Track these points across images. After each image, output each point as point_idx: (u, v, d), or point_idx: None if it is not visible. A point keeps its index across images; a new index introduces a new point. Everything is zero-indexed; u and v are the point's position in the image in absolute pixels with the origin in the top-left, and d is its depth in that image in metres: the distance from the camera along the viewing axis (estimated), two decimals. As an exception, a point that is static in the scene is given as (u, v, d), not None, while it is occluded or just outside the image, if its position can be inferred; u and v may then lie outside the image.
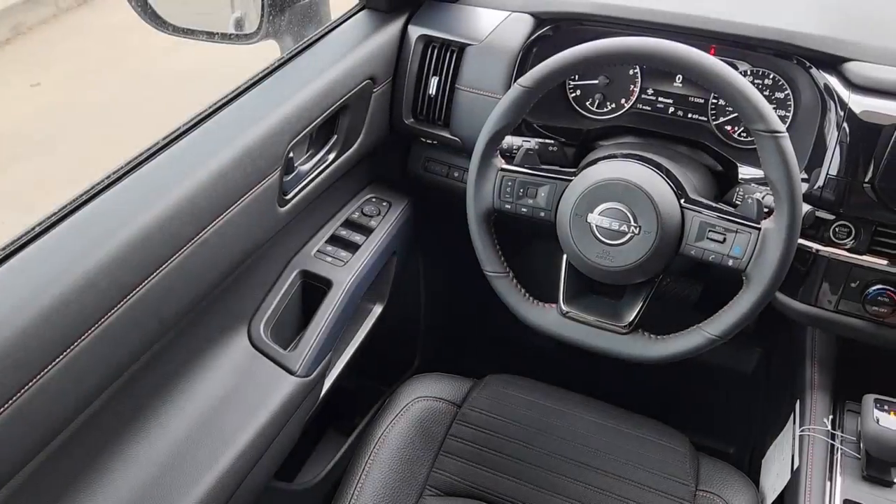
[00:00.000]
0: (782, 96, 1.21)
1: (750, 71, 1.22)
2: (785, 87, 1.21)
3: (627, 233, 1.02)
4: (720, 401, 1.81)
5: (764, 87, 1.22)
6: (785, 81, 1.20)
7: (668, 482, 1.18)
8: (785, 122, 1.21)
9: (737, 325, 1.00)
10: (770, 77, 1.21)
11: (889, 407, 1.06)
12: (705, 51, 1.22)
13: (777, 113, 1.22)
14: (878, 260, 1.08)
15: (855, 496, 1.05)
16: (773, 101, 1.22)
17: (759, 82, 1.22)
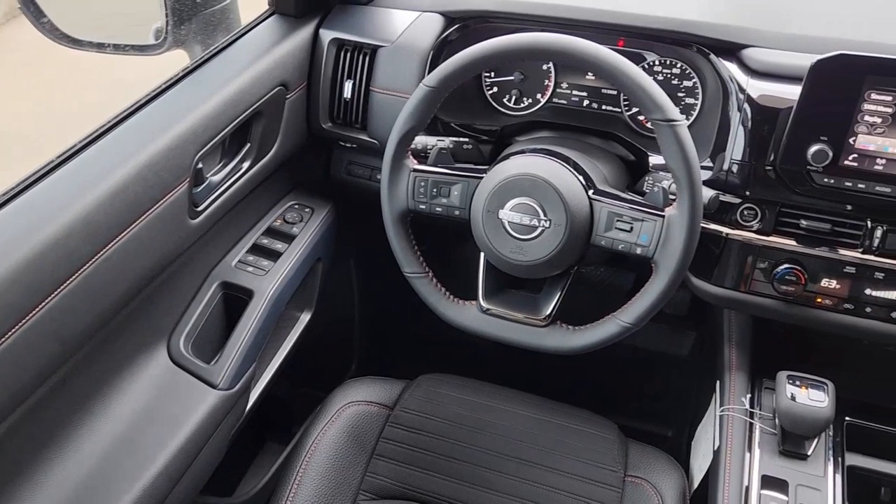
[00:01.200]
0: (690, 84, 1.24)
1: (658, 61, 1.24)
2: (692, 76, 1.23)
3: (538, 227, 1.03)
4: (659, 386, 1.84)
5: (672, 76, 1.25)
6: (692, 70, 1.23)
7: (598, 470, 1.20)
8: (694, 110, 1.24)
9: (648, 311, 1.02)
10: (678, 66, 1.24)
11: (801, 382, 1.09)
12: (613, 44, 1.26)
13: (686, 101, 1.25)
14: (784, 240, 1.11)
15: (772, 471, 1.08)
16: (682, 89, 1.24)
17: (667, 72, 1.25)
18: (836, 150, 1.03)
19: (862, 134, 1.02)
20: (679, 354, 1.83)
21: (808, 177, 1.06)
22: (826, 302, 1.11)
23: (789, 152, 1.05)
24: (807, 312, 1.12)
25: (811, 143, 1.03)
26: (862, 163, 1.03)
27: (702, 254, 1.16)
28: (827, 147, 1.03)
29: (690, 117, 1.25)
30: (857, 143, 1.02)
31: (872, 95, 1.00)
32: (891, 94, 0.99)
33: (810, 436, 1.08)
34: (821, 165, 1.04)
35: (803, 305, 1.12)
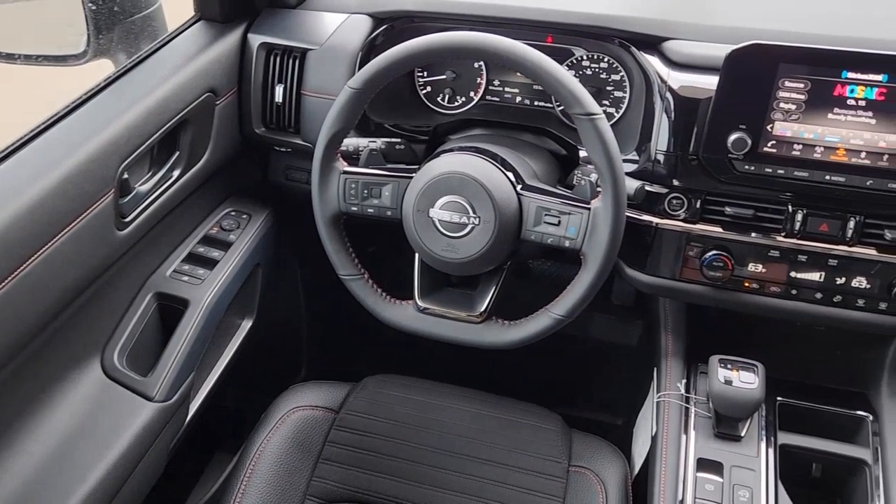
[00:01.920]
0: (618, 78, 1.26)
1: (586, 56, 1.26)
2: (619, 69, 1.25)
3: (468, 224, 1.03)
4: (609, 376, 1.87)
5: (600, 70, 1.26)
6: (619, 64, 1.25)
7: (542, 462, 1.21)
8: (623, 103, 1.26)
9: (579, 303, 1.04)
10: (605, 60, 1.26)
11: (732, 365, 1.12)
12: (543, 40, 1.28)
13: (615, 94, 1.27)
14: (711, 227, 1.14)
15: (708, 454, 1.10)
16: (610, 82, 1.26)
17: (595, 66, 1.26)
18: (755, 138, 1.05)
19: (778, 121, 1.04)
20: (628, 344, 1.85)
21: (730, 164, 1.08)
22: (753, 286, 1.13)
23: (710, 141, 1.08)
24: (736, 297, 1.15)
25: (730, 132, 1.06)
26: (780, 149, 1.06)
27: (634, 244, 1.19)
28: (746, 135, 1.05)
29: (620, 110, 1.27)
30: (774, 130, 1.05)
31: (786, 83, 1.02)
32: (803, 82, 1.02)
33: (742, 417, 1.11)
34: (741, 153, 1.06)
35: (732, 290, 1.15)
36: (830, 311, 1.12)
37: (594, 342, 1.89)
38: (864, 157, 1.03)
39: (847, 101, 1.01)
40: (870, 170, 1.03)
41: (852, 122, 1.02)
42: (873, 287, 1.09)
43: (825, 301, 1.11)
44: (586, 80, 1.27)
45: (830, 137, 1.04)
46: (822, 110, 1.02)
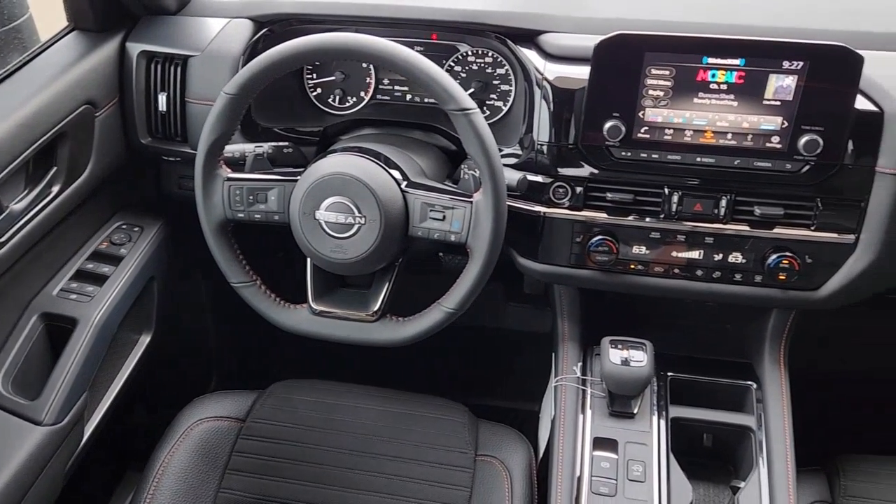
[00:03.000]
0: (503, 72, 1.28)
1: (471, 52, 1.28)
2: (504, 63, 1.28)
3: (354, 224, 1.04)
4: (523, 364, 1.90)
5: (485, 64, 1.28)
6: (503, 58, 1.27)
7: (449, 454, 1.23)
8: (510, 96, 1.29)
9: (468, 295, 1.05)
10: (489, 55, 1.28)
11: (622, 345, 1.15)
12: (427, 38, 1.29)
13: (502, 88, 1.29)
14: (595, 213, 1.17)
15: (603, 433, 1.14)
16: (496, 77, 1.28)
17: (480, 61, 1.28)
18: (629, 125, 1.09)
19: (649, 107, 1.08)
20: (542, 332, 1.89)
21: (608, 152, 1.12)
22: (639, 267, 1.17)
23: (587, 130, 1.11)
24: (623, 279, 1.19)
25: (605, 120, 1.09)
26: (653, 134, 1.10)
27: (524, 234, 1.21)
28: (620, 122, 1.09)
29: (507, 103, 1.29)
30: (645, 117, 1.09)
31: (652, 71, 1.06)
32: (668, 69, 1.06)
33: (634, 394, 1.15)
34: (616, 140, 1.10)
35: (620, 273, 1.19)
36: (711, 287, 1.17)
37: (508, 332, 1.92)
38: (730, 139, 1.08)
39: (710, 85, 1.06)
40: (736, 150, 1.08)
41: (717, 105, 1.07)
42: (748, 261, 1.14)
43: (705, 278, 1.16)
44: (473, 76, 1.29)
45: (698, 121, 1.08)
46: (688, 95, 1.07)
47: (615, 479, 1.08)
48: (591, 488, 1.07)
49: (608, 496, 1.06)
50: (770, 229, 1.12)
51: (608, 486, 1.07)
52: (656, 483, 1.08)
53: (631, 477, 1.08)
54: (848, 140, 1.05)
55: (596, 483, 1.08)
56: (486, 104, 1.30)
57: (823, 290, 1.13)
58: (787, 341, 1.23)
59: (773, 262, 1.11)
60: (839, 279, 1.12)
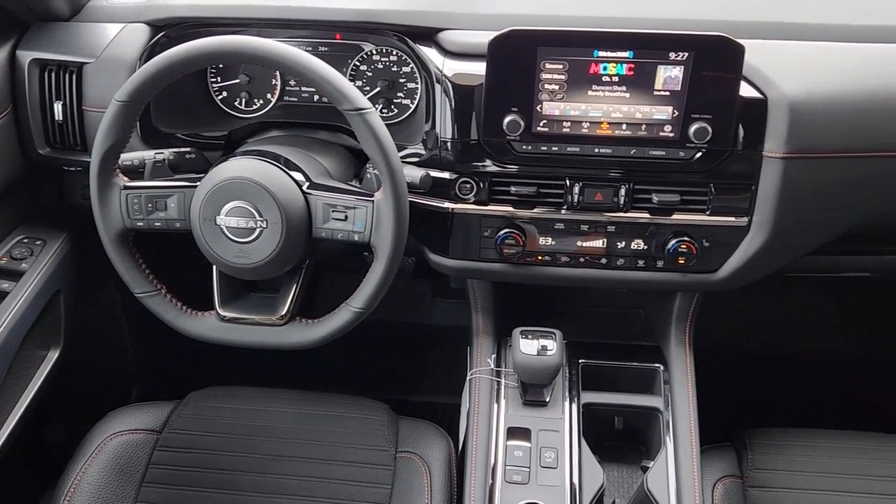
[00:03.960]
0: (409, 70, 1.29)
1: (375, 51, 1.28)
2: (409, 62, 1.28)
3: (256, 228, 1.03)
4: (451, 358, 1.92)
5: (391, 63, 1.29)
6: (408, 56, 1.28)
7: (369, 452, 1.23)
8: (417, 94, 1.29)
9: (375, 293, 1.06)
10: (394, 53, 1.28)
11: (533, 335, 1.18)
12: (332, 38, 1.29)
13: (409, 86, 1.29)
14: (501, 207, 1.18)
15: (517, 422, 1.16)
16: (402, 75, 1.29)
17: (385, 60, 1.29)
18: (528, 119, 1.11)
19: (546, 101, 1.10)
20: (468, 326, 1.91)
21: (509, 146, 1.13)
22: (546, 258, 1.20)
23: (488, 126, 1.12)
24: (532, 270, 1.21)
25: (504, 115, 1.11)
26: (551, 127, 1.12)
27: (435, 230, 1.22)
28: (518, 117, 1.11)
29: (414, 101, 1.30)
30: (543, 111, 1.11)
31: (547, 65, 1.08)
32: (561, 63, 1.08)
33: (545, 383, 1.17)
34: (516, 134, 1.12)
35: (528, 265, 1.21)
36: (616, 275, 1.20)
37: (436, 328, 1.94)
38: (625, 129, 1.11)
39: (602, 78, 1.08)
40: (631, 140, 1.11)
41: (610, 97, 1.09)
42: (650, 248, 1.17)
43: (610, 265, 1.19)
44: (379, 74, 1.29)
45: (594, 113, 1.11)
46: (582, 88, 1.09)
47: (528, 467, 1.10)
48: (505, 477, 1.09)
49: (521, 484, 1.08)
50: (669, 216, 1.15)
51: (521, 474, 1.09)
52: (567, 468, 1.10)
53: (543, 464, 1.10)
54: (736, 127, 1.09)
55: (510, 472, 1.10)
56: (393, 102, 1.30)
57: (721, 271, 1.17)
58: (692, 323, 1.28)
59: (673, 248, 1.15)
60: (736, 260, 1.16)
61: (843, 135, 1.07)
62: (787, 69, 1.09)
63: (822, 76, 1.09)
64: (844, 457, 1.23)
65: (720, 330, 1.43)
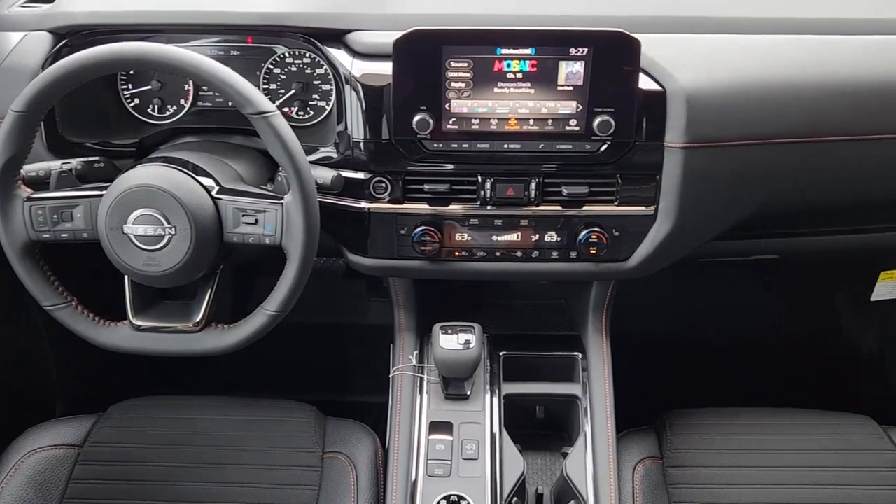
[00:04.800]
0: (323, 72, 1.29)
1: (288, 53, 1.28)
2: (322, 63, 1.28)
3: (164, 235, 1.02)
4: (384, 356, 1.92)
5: (304, 65, 1.28)
6: (320, 58, 1.28)
7: (296, 454, 1.23)
8: (332, 95, 1.29)
9: (290, 296, 1.06)
10: (308, 56, 1.28)
11: (452, 331, 1.19)
12: (243, 42, 1.28)
13: (323, 87, 1.29)
14: (416, 205, 1.20)
15: (439, 416, 1.18)
16: (316, 77, 1.29)
17: (299, 62, 1.28)
18: (437, 117, 1.12)
19: (454, 99, 1.12)
20: None
21: (420, 145, 1.15)
22: (463, 254, 1.21)
23: (398, 125, 1.13)
24: (450, 266, 1.22)
25: (413, 114, 1.12)
26: (461, 125, 1.14)
27: (352, 230, 1.23)
28: (427, 116, 1.12)
29: (329, 102, 1.30)
30: (452, 108, 1.13)
31: (452, 64, 1.10)
32: (466, 61, 1.10)
33: (466, 377, 1.19)
34: (427, 133, 1.13)
35: (446, 261, 1.22)
36: (532, 267, 1.22)
37: (372, 327, 1.94)
38: (532, 124, 1.13)
39: (507, 74, 1.11)
40: (539, 135, 1.14)
41: (516, 93, 1.12)
42: (563, 240, 1.20)
43: (526, 258, 1.21)
44: (293, 77, 1.29)
45: (501, 109, 1.13)
46: (488, 85, 1.11)
47: (450, 460, 1.12)
48: (427, 471, 1.11)
49: (443, 477, 1.10)
50: (580, 208, 1.18)
51: (443, 468, 1.11)
52: (489, 459, 1.12)
53: (465, 456, 1.12)
54: (638, 119, 1.13)
55: (431, 466, 1.11)
56: (309, 104, 1.30)
57: (632, 259, 1.21)
58: (608, 311, 1.31)
59: (584, 238, 1.18)
60: (645, 248, 1.20)
61: (739, 124, 1.12)
62: (684, 62, 1.13)
63: (718, 68, 1.13)
64: (757, 433, 1.28)
65: (640, 316, 1.47)
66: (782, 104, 1.13)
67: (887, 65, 1.16)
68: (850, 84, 1.14)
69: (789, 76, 1.13)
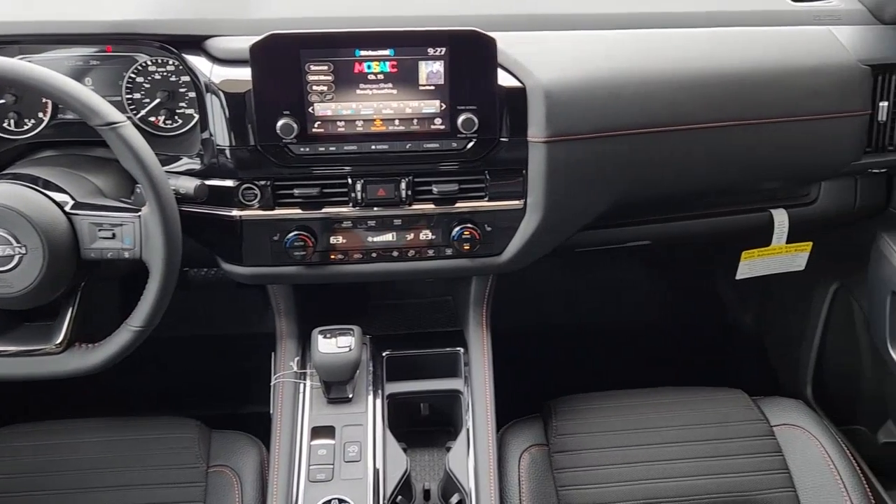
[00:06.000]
0: (188, 79, 1.26)
1: (150, 61, 1.24)
2: (185, 72, 1.25)
3: (14, 255, 0.98)
4: None
5: (168, 73, 1.25)
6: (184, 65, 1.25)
7: (180, 471, 1.21)
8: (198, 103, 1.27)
9: (155, 310, 1.04)
10: (171, 63, 1.25)
11: (331, 334, 1.19)
12: (103, 51, 1.24)
13: (189, 95, 1.26)
14: (288, 211, 1.19)
15: (321, 421, 1.17)
16: (182, 84, 1.26)
17: (162, 70, 1.25)
18: (301, 122, 1.12)
19: (317, 102, 1.12)
20: None
21: (287, 150, 1.14)
22: (339, 256, 1.21)
23: (261, 130, 1.12)
24: (327, 270, 1.22)
25: (277, 119, 1.11)
26: (326, 128, 1.13)
27: (225, 239, 1.21)
28: (291, 120, 1.11)
29: (197, 110, 1.27)
30: (316, 112, 1.12)
31: (312, 67, 1.10)
32: (326, 64, 1.10)
33: (346, 379, 1.19)
34: (292, 137, 1.12)
35: (322, 265, 1.21)
36: (409, 266, 1.23)
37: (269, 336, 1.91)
38: (398, 125, 1.14)
39: (368, 76, 1.11)
40: (406, 134, 1.15)
41: (378, 94, 1.12)
42: (437, 237, 1.21)
43: (402, 258, 1.22)
44: (157, 85, 1.25)
45: (365, 111, 1.13)
46: (350, 88, 1.11)
47: (332, 464, 1.11)
48: (309, 477, 1.10)
49: (325, 481, 1.10)
50: (451, 205, 1.20)
51: (325, 472, 1.10)
52: (371, 460, 1.12)
53: (347, 458, 1.12)
54: (501, 115, 1.15)
55: (313, 471, 1.11)
56: (176, 113, 1.27)
57: (506, 253, 1.23)
58: (488, 305, 1.33)
59: (457, 235, 1.19)
60: (517, 242, 1.22)
61: (596, 117, 1.15)
62: (543, 58, 1.16)
63: (574, 63, 1.17)
64: (638, 413, 1.33)
65: (527, 308, 1.51)
66: (635, 96, 1.17)
67: (732, 55, 1.23)
68: (699, 75, 1.20)
69: (641, 69, 1.18)
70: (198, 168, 1.17)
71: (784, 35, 1.27)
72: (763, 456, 1.26)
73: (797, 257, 1.47)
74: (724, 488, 1.22)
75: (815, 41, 1.27)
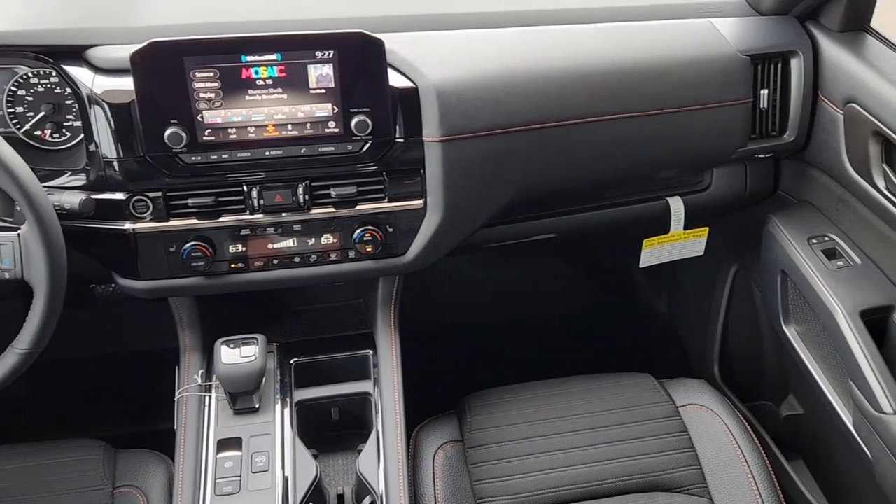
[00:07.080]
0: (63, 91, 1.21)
1: (31, 73, 1.20)
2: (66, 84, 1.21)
3: None
4: None
5: (52, 85, 1.21)
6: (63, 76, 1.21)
7: (86, 495, 1.17)
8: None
9: (41, 331, 1.00)
10: (55, 75, 1.21)
11: (234, 344, 1.17)
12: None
13: (77, 107, 1.22)
14: (184, 221, 1.16)
15: (227, 433, 1.15)
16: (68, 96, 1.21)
17: (45, 82, 1.21)
18: (190, 130, 1.10)
19: (205, 110, 1.10)
20: None
21: (177, 159, 1.11)
22: (239, 265, 1.19)
23: (149, 140, 1.09)
24: (227, 280, 1.20)
25: (164, 128, 1.08)
26: (217, 136, 1.11)
27: (119, 254, 1.18)
28: (180, 129, 1.09)
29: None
30: (205, 119, 1.10)
31: (197, 74, 1.08)
32: (212, 71, 1.08)
33: (252, 389, 1.17)
34: (182, 146, 1.10)
35: (222, 274, 1.20)
36: (312, 271, 1.22)
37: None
38: (291, 129, 1.13)
39: (256, 81, 1.10)
40: (299, 139, 1.14)
41: (269, 99, 1.11)
42: (339, 241, 1.21)
43: (304, 263, 1.21)
44: (41, 98, 1.21)
45: (256, 117, 1.12)
46: (238, 94, 1.10)
47: (239, 476, 1.10)
48: (215, 490, 1.08)
49: (232, 494, 1.08)
50: (351, 208, 1.20)
51: (232, 484, 1.09)
52: (280, 468, 1.11)
53: (255, 469, 1.11)
54: (394, 116, 1.15)
55: (220, 484, 1.09)
56: (64, 126, 1.23)
57: (409, 254, 1.23)
58: (396, 305, 1.33)
59: (359, 238, 1.19)
60: (420, 241, 1.23)
61: (487, 114, 1.17)
62: (433, 58, 1.17)
63: (464, 62, 1.18)
64: (548, 403, 1.35)
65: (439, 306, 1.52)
66: (526, 93, 1.19)
67: (618, 50, 1.26)
68: (587, 70, 1.23)
69: (530, 66, 1.20)
70: (84, 182, 1.13)
71: (667, 28, 1.31)
72: (669, 436, 1.30)
73: (696, 243, 1.52)
74: (633, 470, 1.26)
75: (697, 33, 1.31)
